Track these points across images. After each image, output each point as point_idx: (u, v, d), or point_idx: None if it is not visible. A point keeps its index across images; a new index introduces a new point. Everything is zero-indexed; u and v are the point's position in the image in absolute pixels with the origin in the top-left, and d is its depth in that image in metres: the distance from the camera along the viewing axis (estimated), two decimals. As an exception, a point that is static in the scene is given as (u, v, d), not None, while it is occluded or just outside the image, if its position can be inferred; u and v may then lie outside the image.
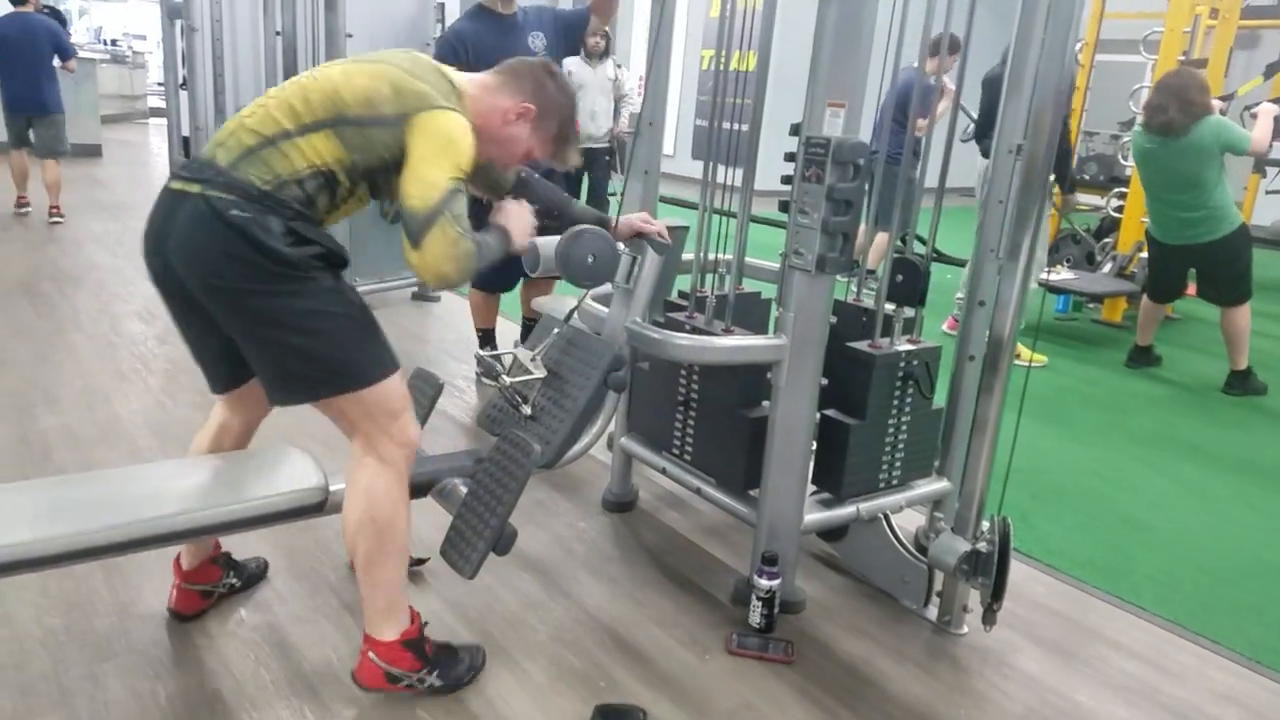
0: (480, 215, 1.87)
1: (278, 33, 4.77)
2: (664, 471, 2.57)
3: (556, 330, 2.27)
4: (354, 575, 2.33)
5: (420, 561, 2.38)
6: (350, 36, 4.44)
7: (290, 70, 4.64)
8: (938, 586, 2.32)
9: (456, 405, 3.57)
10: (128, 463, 2.86)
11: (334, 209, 1.77)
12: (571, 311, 2.32)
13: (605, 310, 2.36)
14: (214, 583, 2.15)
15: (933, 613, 2.33)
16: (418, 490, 2.09)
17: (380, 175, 1.77)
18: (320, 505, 1.89)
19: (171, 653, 2.01)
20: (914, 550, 2.37)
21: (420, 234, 1.67)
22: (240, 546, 2.35)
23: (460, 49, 3.25)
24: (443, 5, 4.98)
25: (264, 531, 2.36)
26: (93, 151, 9.40)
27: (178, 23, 5.73)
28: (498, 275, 3.35)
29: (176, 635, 2.07)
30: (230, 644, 2.05)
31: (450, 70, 1.86)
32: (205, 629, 2.09)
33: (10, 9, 6.53)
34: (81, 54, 9.99)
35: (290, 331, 1.68)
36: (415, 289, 5.18)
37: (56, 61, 6.62)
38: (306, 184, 1.69)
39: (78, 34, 13.49)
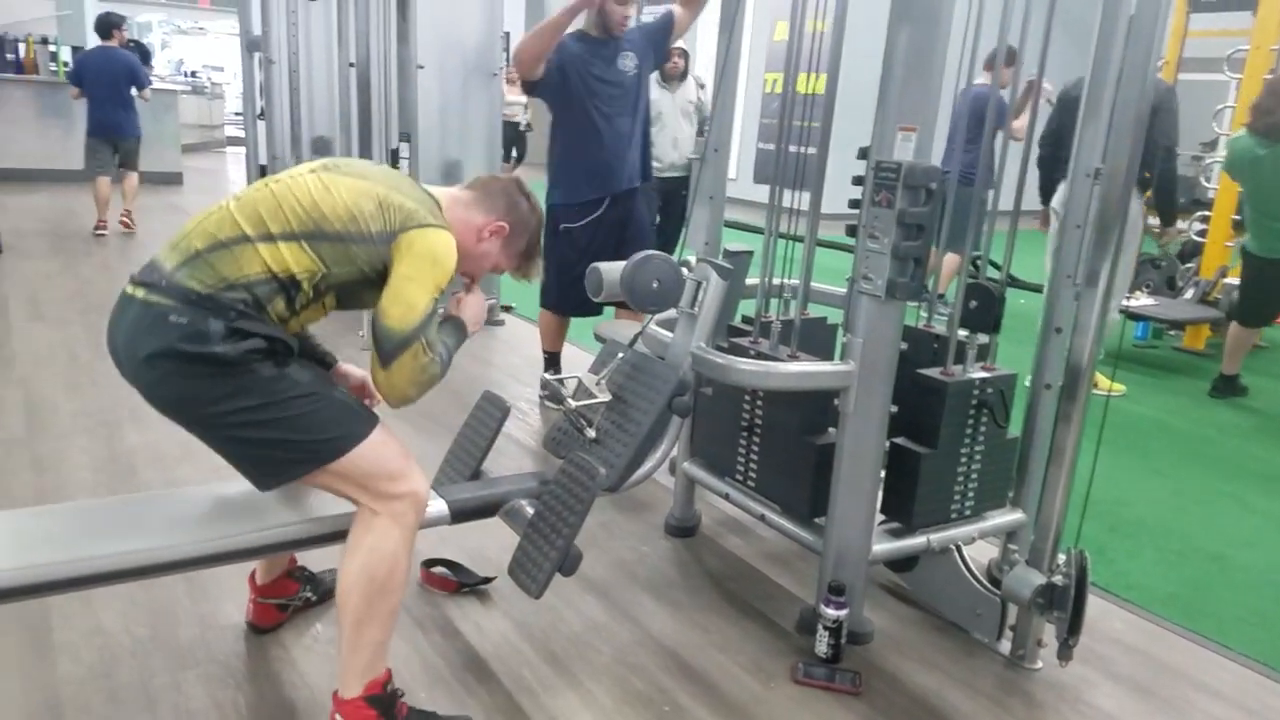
0: None
1: (351, 64, 4.91)
2: (727, 497, 2.56)
3: (621, 355, 2.29)
4: (423, 588, 2.38)
5: (486, 580, 2.41)
6: (421, 68, 4.55)
7: (364, 102, 4.77)
8: (1011, 620, 2.26)
9: (521, 428, 3.61)
10: (209, 480, 2.93)
11: (293, 315, 1.71)
12: (636, 336, 2.34)
13: (669, 335, 2.37)
14: (290, 596, 2.19)
15: (1006, 647, 2.27)
16: (486, 510, 2.13)
17: (354, 289, 1.75)
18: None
19: (250, 664, 2.06)
20: (987, 583, 2.33)
21: (393, 356, 1.69)
22: (311, 560, 2.40)
23: (554, 59, 3.37)
24: (509, 35, 5.08)
25: (337, 548, 2.43)
26: (174, 179, 9.76)
27: (256, 55, 5.93)
28: (574, 298, 3.39)
29: (255, 647, 2.12)
30: (306, 657, 2.09)
31: (437, 191, 1.91)
32: (282, 641, 2.14)
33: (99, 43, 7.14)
34: (163, 85, 10.48)
35: (242, 428, 1.64)
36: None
37: (134, 91, 7.13)
38: (256, 289, 1.63)
39: (160, 66, 14.00)
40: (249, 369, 1.62)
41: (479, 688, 2.03)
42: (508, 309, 5.43)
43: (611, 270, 2.50)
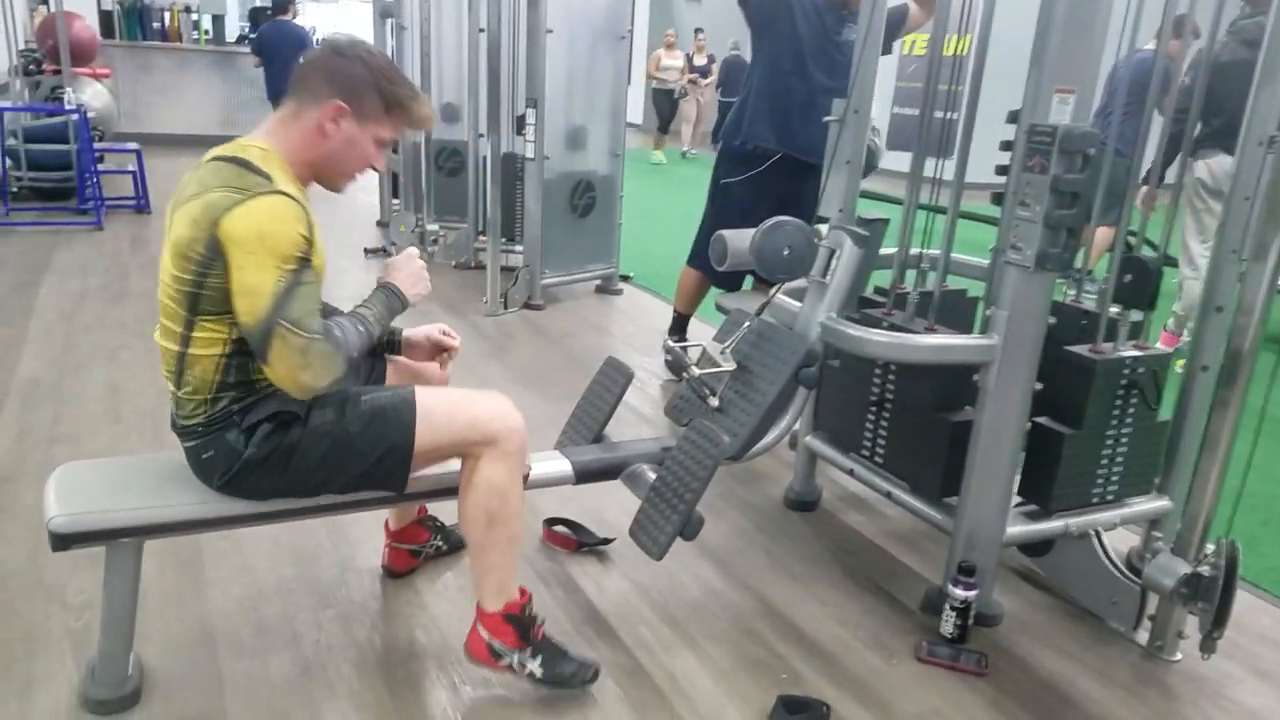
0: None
1: (481, 30, 4.98)
2: (851, 473, 2.51)
3: (746, 324, 2.27)
4: (545, 545, 2.43)
5: (606, 541, 2.44)
6: (550, 32, 4.57)
7: (493, 67, 4.83)
8: (1150, 610, 2.17)
9: (639, 396, 3.62)
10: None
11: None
12: (762, 306, 2.31)
13: (797, 305, 2.34)
14: (421, 544, 2.27)
15: (1143, 637, 2.18)
16: (608, 473, 2.15)
17: None
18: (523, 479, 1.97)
19: (385, 606, 2.14)
20: (1126, 570, 2.23)
21: (263, 349, 1.54)
22: (443, 511, 2.48)
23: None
24: (633, 1, 5.04)
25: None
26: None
27: (389, 21, 6.07)
28: (727, 276, 3.32)
29: (389, 591, 2.21)
30: (437, 602, 2.17)
31: (249, 140, 1.65)
32: (415, 586, 2.23)
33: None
34: (299, 52, 10.86)
35: (332, 480, 1.70)
36: (599, 282, 5.30)
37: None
38: (226, 378, 1.61)
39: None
40: (284, 447, 1.63)
41: (600, 642, 2.06)
42: (626, 278, 5.46)
43: (738, 238, 2.48)
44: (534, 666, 1.84)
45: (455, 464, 1.81)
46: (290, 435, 1.64)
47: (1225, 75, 3.62)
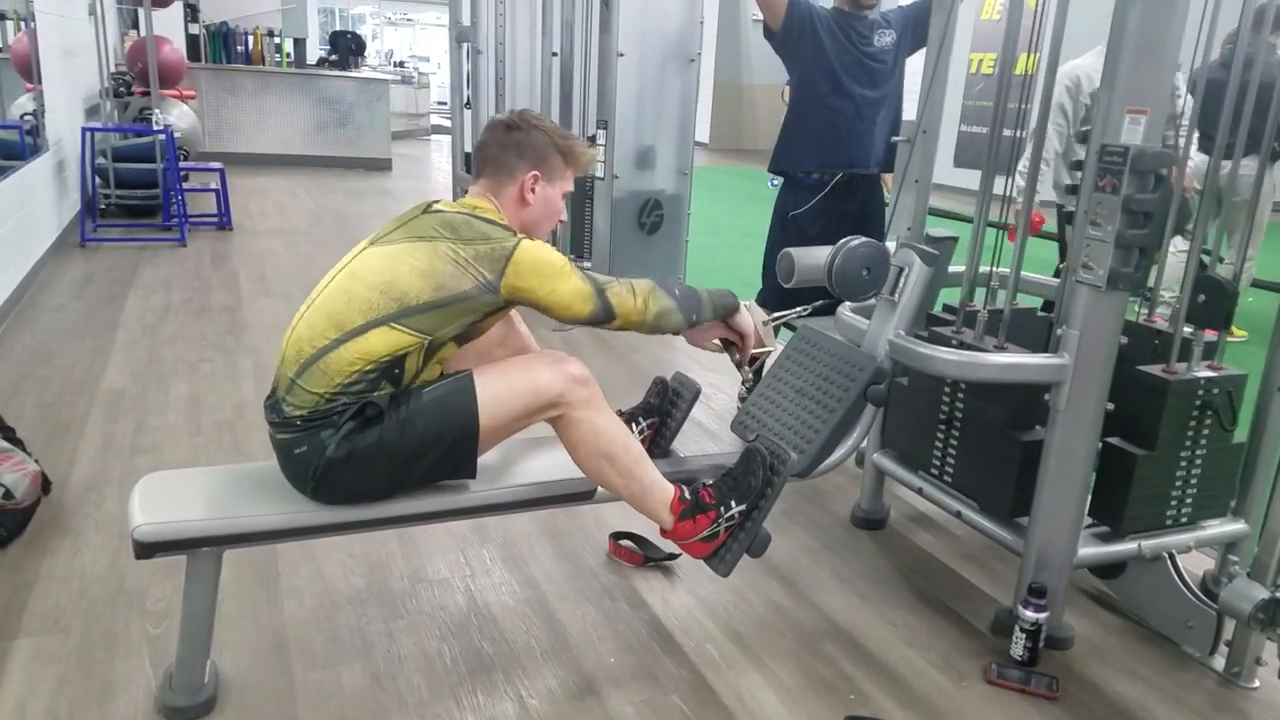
0: None
1: (554, 54, 5.08)
2: (920, 491, 2.49)
3: (800, 310, 2.26)
4: (611, 559, 2.46)
5: (672, 556, 2.45)
6: (622, 55, 4.64)
7: (565, 90, 4.93)
8: (1227, 635, 2.11)
9: (705, 412, 3.64)
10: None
11: (407, 383, 1.79)
12: (810, 309, 2.32)
13: (865, 322, 2.33)
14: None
15: (1219, 663, 2.12)
16: (675, 488, 2.17)
17: (471, 332, 1.84)
18: (590, 494, 2.00)
19: (455, 617, 2.19)
20: (1201, 594, 2.17)
21: (613, 317, 1.87)
22: (511, 525, 2.53)
23: (810, 14, 3.25)
24: (702, 23, 5.11)
25: (536, 515, 2.55)
26: (384, 165, 10.39)
27: (465, 46, 6.21)
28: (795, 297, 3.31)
29: (459, 602, 2.25)
30: (505, 615, 2.21)
31: (481, 202, 1.92)
32: (484, 599, 2.27)
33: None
34: (374, 75, 11.16)
35: (406, 475, 1.79)
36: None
37: None
38: (353, 389, 1.72)
39: (370, 56, 14.89)
40: (362, 448, 1.72)
41: (665, 657, 2.08)
42: (783, 322, 5.46)
43: (806, 256, 2.48)
44: (736, 510, 1.94)
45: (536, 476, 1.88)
46: (369, 435, 1.72)
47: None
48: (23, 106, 5.54)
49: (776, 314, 2.24)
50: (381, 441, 1.73)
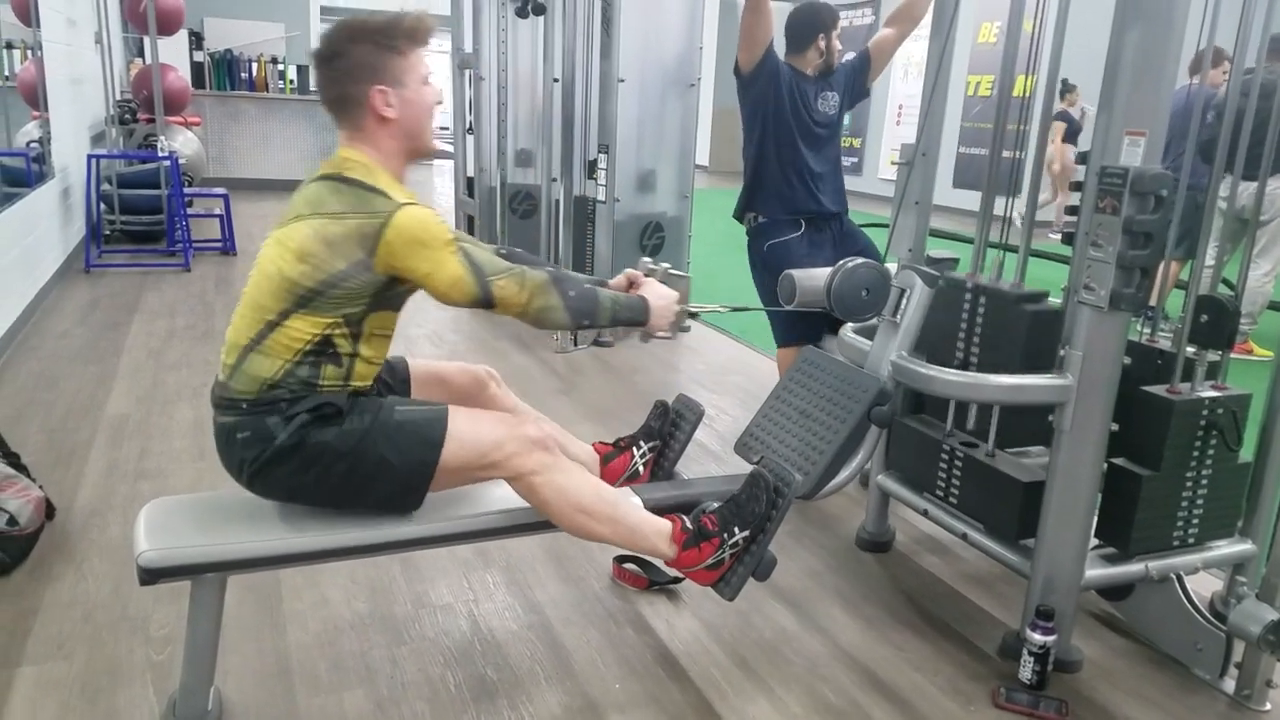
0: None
1: (556, 79, 5.12)
2: (925, 513, 2.48)
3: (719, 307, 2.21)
4: (615, 583, 2.45)
5: (676, 580, 2.44)
6: (622, 81, 4.68)
7: (567, 115, 4.95)
8: (1236, 657, 2.09)
9: (708, 433, 3.64)
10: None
11: (354, 366, 1.76)
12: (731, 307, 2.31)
13: (867, 343, 2.34)
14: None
15: (1230, 685, 2.10)
16: (679, 510, 2.14)
17: (385, 301, 1.76)
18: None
19: (459, 643, 2.18)
20: (1210, 616, 2.16)
21: (493, 306, 1.75)
22: (514, 548, 2.52)
23: (778, 67, 3.29)
24: (701, 49, 5.15)
25: (540, 538, 2.54)
26: (386, 190, 10.44)
27: (467, 72, 6.26)
28: (810, 330, 3.31)
29: (462, 627, 2.24)
30: (509, 640, 2.20)
31: (348, 153, 1.77)
32: (488, 624, 2.26)
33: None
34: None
35: (349, 486, 1.73)
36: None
37: None
38: (297, 373, 1.70)
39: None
40: (315, 442, 1.69)
41: (671, 684, 2.06)
42: (694, 315, 5.48)
43: (808, 277, 2.49)
44: (740, 535, 1.91)
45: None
46: (324, 433, 1.69)
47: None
48: (29, 134, 5.58)
49: (694, 306, 2.17)
50: (338, 442, 1.69)
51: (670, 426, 2.29)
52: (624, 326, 1.94)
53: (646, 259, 2.12)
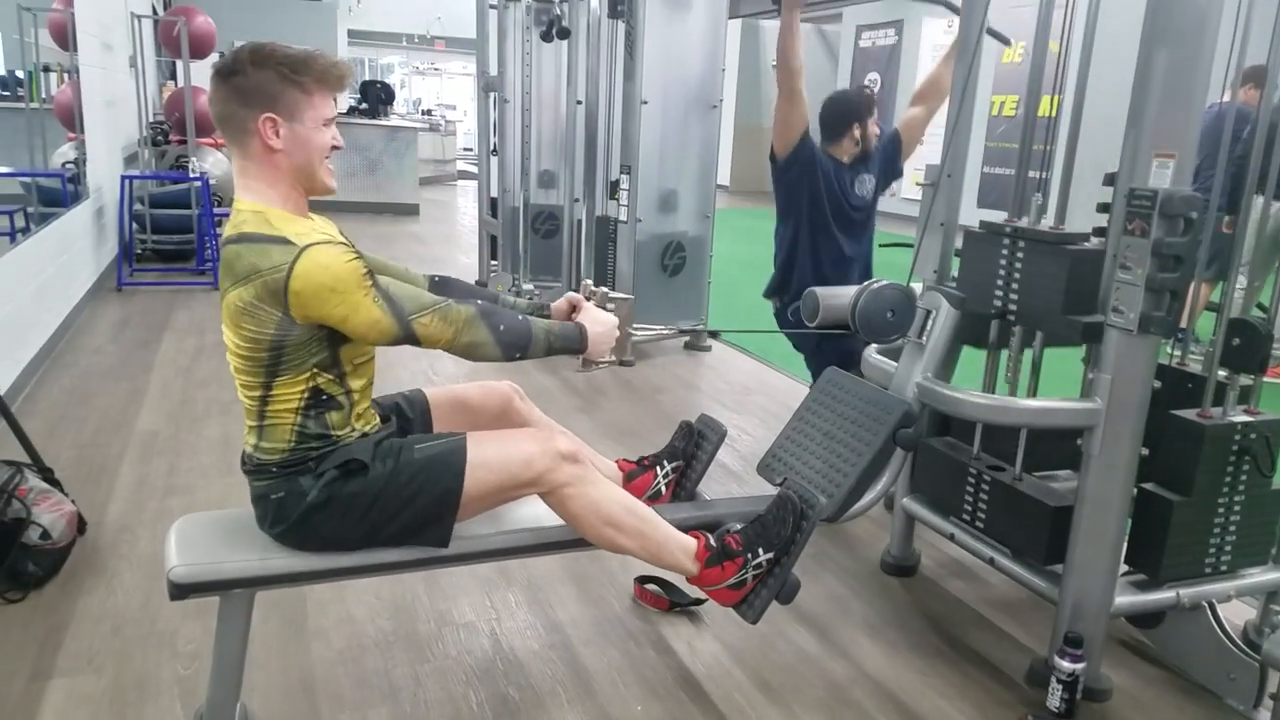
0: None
1: (579, 101, 5.16)
2: (951, 537, 2.46)
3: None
4: (637, 604, 2.44)
5: (698, 602, 2.43)
6: (645, 103, 4.71)
7: (590, 136, 4.99)
8: (1271, 687, 2.06)
9: (729, 453, 3.62)
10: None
11: (352, 404, 1.76)
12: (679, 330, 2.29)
13: (892, 365, 2.33)
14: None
15: (1264, 717, 2.06)
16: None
17: (341, 338, 1.69)
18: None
19: (481, 662, 2.18)
20: (1243, 645, 2.12)
21: (420, 344, 1.69)
22: (535, 568, 2.52)
23: (814, 153, 3.32)
24: (724, 71, 5.18)
25: (560, 557, 2.54)
26: (411, 211, 10.54)
27: (492, 95, 6.32)
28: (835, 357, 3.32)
29: (484, 646, 2.24)
30: (530, 660, 2.20)
31: (240, 204, 1.69)
32: (509, 643, 2.26)
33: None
34: (403, 123, 11.35)
35: (383, 529, 1.74)
36: (687, 339, 5.35)
37: None
38: (308, 429, 1.70)
39: (399, 104, 15.11)
40: (344, 494, 1.70)
41: (693, 706, 2.05)
42: (714, 335, 5.50)
43: (832, 295, 2.49)
44: (764, 557, 1.91)
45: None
46: (351, 485, 1.71)
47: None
48: (64, 155, 5.69)
49: (638, 329, 2.13)
50: (364, 490, 1.71)
51: (693, 447, 2.29)
52: (562, 354, 1.89)
53: (588, 281, 2.09)
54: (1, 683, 2.01)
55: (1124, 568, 2.11)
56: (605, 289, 2.07)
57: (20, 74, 5.52)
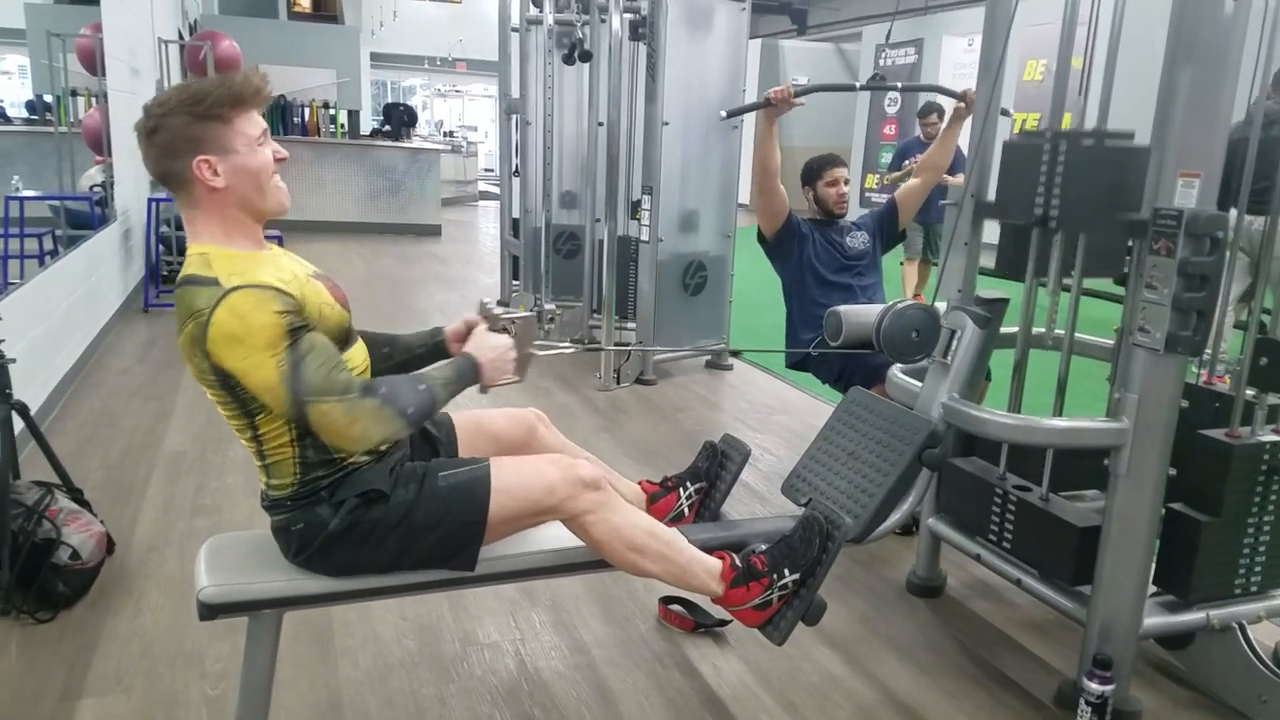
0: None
1: (600, 123, 5.20)
2: (977, 558, 2.45)
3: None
4: (661, 624, 2.44)
5: (723, 623, 2.43)
6: (667, 124, 4.74)
7: (611, 158, 5.02)
8: (1305, 712, 2.03)
9: (752, 473, 3.62)
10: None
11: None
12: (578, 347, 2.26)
13: (917, 384, 2.32)
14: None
15: (1299, 741, 2.04)
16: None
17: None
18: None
19: (505, 682, 2.18)
20: (1274, 666, 2.10)
21: (309, 426, 1.60)
22: (559, 588, 2.53)
23: (798, 226, 3.50)
24: (745, 91, 5.21)
25: (584, 577, 2.54)
26: (434, 231, 10.62)
27: (514, 117, 6.37)
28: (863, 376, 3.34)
29: (509, 666, 2.25)
30: (555, 681, 2.20)
31: (191, 248, 1.66)
32: (534, 664, 2.26)
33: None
34: (425, 145, 11.46)
35: (409, 553, 1.73)
36: (709, 358, 5.36)
37: None
38: (308, 458, 1.68)
39: (421, 126, 15.25)
40: (366, 521, 1.70)
41: (719, 729, 2.05)
42: (736, 354, 5.50)
43: (856, 314, 2.49)
44: (790, 577, 1.91)
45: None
46: (373, 512, 1.71)
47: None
48: (92, 178, 5.78)
49: (539, 346, 2.06)
50: (388, 517, 1.71)
51: (717, 468, 2.29)
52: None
53: (487, 300, 2.01)
54: (31, 702, 2.03)
55: (1152, 589, 2.09)
56: (503, 308, 1.99)
57: (49, 98, 5.63)
